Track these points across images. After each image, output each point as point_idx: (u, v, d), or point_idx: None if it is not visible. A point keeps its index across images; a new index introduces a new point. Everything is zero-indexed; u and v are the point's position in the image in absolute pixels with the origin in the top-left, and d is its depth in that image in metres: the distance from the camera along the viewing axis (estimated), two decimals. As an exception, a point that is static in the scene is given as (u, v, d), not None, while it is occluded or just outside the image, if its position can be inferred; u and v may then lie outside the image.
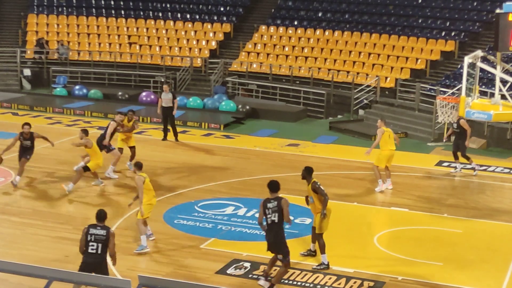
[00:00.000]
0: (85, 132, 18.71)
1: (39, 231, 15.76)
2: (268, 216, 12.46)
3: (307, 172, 14.22)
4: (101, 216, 11.80)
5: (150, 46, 35.48)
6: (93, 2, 38.23)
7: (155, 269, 13.84)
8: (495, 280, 13.98)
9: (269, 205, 12.52)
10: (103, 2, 38.13)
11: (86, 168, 18.45)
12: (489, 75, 24.49)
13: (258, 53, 33.90)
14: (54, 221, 16.32)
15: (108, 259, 11.93)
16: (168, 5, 37.64)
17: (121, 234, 15.40)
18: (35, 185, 18.93)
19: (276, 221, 12.49)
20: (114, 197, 18.37)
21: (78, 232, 15.20)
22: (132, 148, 20.72)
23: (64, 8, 38.00)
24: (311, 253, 14.63)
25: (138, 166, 14.93)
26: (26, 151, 18.87)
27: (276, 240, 12.64)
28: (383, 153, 19.22)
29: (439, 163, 22.63)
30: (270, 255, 14.45)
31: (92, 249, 11.48)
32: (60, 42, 35.67)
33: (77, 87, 31.96)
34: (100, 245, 11.49)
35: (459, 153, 21.19)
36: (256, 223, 16.38)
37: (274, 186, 12.81)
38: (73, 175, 18.76)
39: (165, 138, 24.32)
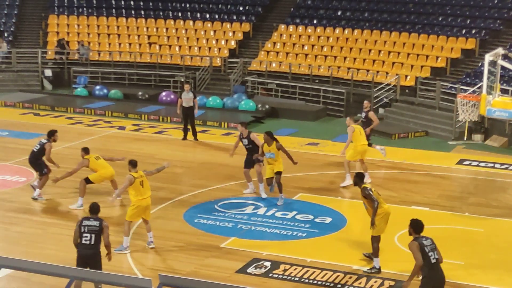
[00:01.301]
0: (85, 150, 17.71)
1: (60, 231, 15.86)
2: (430, 255, 11.14)
3: (358, 178, 14.03)
4: (94, 208, 12.16)
5: (170, 46, 35.59)
6: (113, 2, 38.41)
7: (176, 268, 13.89)
8: (517, 279, 13.89)
9: (425, 242, 11.24)
10: (123, 3, 38.29)
11: (88, 180, 17.49)
12: (510, 72, 24.29)
13: (277, 52, 33.89)
14: (75, 221, 16.36)
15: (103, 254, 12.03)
16: (187, 5, 37.72)
17: (142, 233, 15.46)
18: (57, 184, 19.01)
19: (438, 258, 11.31)
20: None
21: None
22: (277, 174, 17.72)
23: (85, 9, 38.21)
24: (371, 256, 14.30)
25: (132, 164, 14.70)
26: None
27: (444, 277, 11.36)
28: (357, 149, 19.38)
29: (460, 162, 22.50)
30: (291, 254, 14.49)
31: (86, 240, 11.74)
32: (81, 43, 35.87)
33: (97, 87, 32.14)
34: (93, 235, 11.75)
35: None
36: (277, 222, 16.46)
37: (420, 226, 11.52)
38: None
39: (185, 138, 24.37)
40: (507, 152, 24.03)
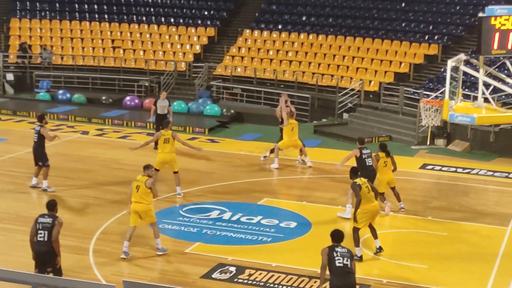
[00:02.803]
0: (165, 124, 19.07)
1: (23, 237, 15.59)
2: (337, 259, 11.55)
3: (352, 173, 15.06)
4: (49, 205, 12.36)
5: (134, 50, 35.40)
6: (77, 6, 38.09)
7: (140, 274, 13.79)
8: (479, 282, 14.05)
9: (338, 249, 11.65)
10: (86, 6, 38.00)
11: (156, 169, 18.41)
12: (472, 78, 24.62)
13: (242, 57, 33.91)
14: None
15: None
16: (152, 9, 37.59)
17: (106, 239, 15.36)
18: (19, 190, 18.80)
19: (349, 265, 11.60)
20: (97, 201, 18.24)
21: (62, 237, 15.06)
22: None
23: (47, 12, 37.83)
24: (377, 250, 15.12)
25: (144, 167, 15.07)
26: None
27: (354, 283, 11.78)
28: (285, 142, 21.57)
29: (423, 166, 22.73)
30: (256, 259, 14.50)
31: (40, 237, 12.00)
32: (43, 47, 35.51)
33: (60, 91, 31.83)
34: (46, 232, 11.99)
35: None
36: (242, 227, 16.46)
37: (338, 236, 11.91)
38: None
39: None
40: (469, 156, 24.34)
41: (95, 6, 37.92)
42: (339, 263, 11.49)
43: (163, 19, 36.89)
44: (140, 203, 14.65)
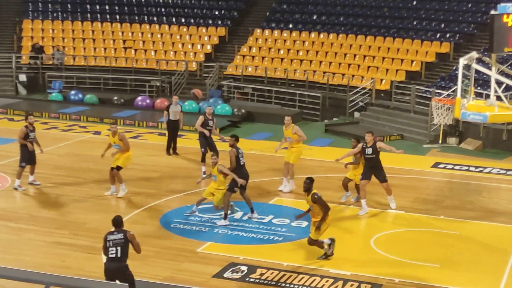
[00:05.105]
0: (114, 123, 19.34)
1: (35, 236, 15.73)
2: (241, 158, 16.91)
3: (312, 183, 14.87)
4: (116, 222, 12.11)
5: (145, 50, 35.49)
6: (88, 7, 38.24)
7: (152, 274, 13.82)
8: (492, 282, 13.99)
9: (240, 150, 16.96)
10: (98, 7, 38.13)
11: (118, 167, 18.46)
12: (484, 76, 24.53)
13: (253, 57, 33.91)
14: (50, 226, 16.30)
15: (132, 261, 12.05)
16: (163, 10, 37.67)
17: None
18: (32, 190, 18.88)
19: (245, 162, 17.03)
20: (109, 201, 18.30)
21: (75, 237, 15.30)
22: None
23: (59, 13, 38.00)
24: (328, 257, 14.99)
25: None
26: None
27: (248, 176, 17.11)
28: (301, 152, 19.98)
29: (435, 165, 22.66)
30: (267, 258, 14.55)
31: (112, 254, 11.78)
32: (56, 47, 35.65)
33: (72, 92, 31.95)
34: (119, 248, 11.78)
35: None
36: (254, 226, 16.48)
37: (237, 138, 17.29)
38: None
39: (168, 152, 23.13)
40: (482, 155, 24.24)
41: (107, 7, 38.05)
42: (242, 161, 16.86)
43: (174, 19, 36.96)
44: None
